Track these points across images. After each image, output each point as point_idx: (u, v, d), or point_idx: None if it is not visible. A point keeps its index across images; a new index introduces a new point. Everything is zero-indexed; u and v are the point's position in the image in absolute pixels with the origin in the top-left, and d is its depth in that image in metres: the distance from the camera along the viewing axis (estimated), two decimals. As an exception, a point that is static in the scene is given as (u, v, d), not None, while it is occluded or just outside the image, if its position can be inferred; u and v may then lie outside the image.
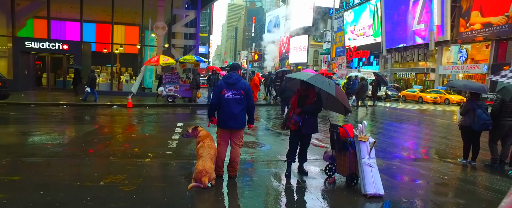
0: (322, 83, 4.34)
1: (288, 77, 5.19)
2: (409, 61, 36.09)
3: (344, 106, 4.72)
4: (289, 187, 4.47)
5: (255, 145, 6.90)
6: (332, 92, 4.30)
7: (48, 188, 3.84)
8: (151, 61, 14.69)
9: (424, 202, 4.02)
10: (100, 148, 6.12)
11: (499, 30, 26.11)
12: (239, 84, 4.35)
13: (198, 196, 3.89)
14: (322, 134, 7.70)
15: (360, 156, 4.20)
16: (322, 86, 4.33)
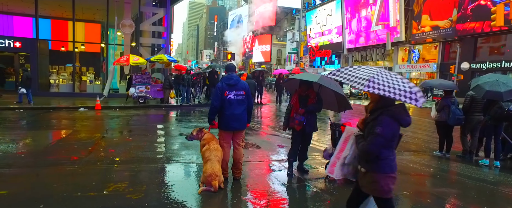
0: (330, 84, 4.48)
1: (291, 78, 5.27)
2: (369, 60, 38.20)
3: (345, 104, 4.93)
4: (294, 185, 4.55)
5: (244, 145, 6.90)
6: (342, 92, 4.47)
7: (47, 202, 3.51)
8: (120, 60, 13.96)
9: (424, 193, 4.34)
10: (84, 154, 5.71)
11: (445, 33, 28.71)
12: (240, 84, 4.33)
13: (211, 199, 3.82)
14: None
15: (362, 153, 4.40)
16: (335, 88, 4.49)
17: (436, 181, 4.98)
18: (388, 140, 2.34)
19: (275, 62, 68.24)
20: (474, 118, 6.23)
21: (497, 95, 5.35)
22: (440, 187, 4.65)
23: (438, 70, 30.04)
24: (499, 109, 5.53)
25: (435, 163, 5.88)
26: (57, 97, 15.63)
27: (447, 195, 4.32)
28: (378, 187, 2.43)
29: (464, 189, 4.55)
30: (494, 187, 4.69)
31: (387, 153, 2.38)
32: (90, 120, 10.12)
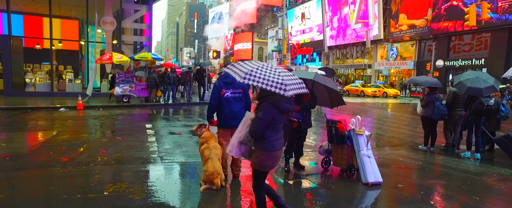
0: (324, 81, 4.60)
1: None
2: (349, 58, 39.10)
3: (338, 100, 5.07)
4: (291, 181, 4.64)
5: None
6: (335, 88, 4.60)
7: (47, 205, 3.41)
8: (103, 59, 13.58)
9: (416, 185, 4.56)
10: (74, 155, 5.55)
11: (421, 31, 29.85)
12: (237, 82, 4.33)
13: (214, 197, 3.84)
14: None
15: (358, 148, 4.56)
16: (329, 84, 4.61)
17: (425, 173, 5.22)
18: (268, 122, 2.76)
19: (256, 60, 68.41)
20: (456, 113, 6.57)
21: (477, 92, 5.67)
22: (430, 178, 4.89)
23: (415, 68, 31.20)
24: (479, 104, 5.86)
25: (422, 157, 6.16)
26: (34, 97, 14.96)
27: (438, 186, 4.55)
28: (257, 161, 2.88)
29: (450, 180, 4.81)
30: (477, 177, 4.99)
31: (269, 134, 2.81)
32: (74, 120, 9.81)
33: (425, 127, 6.88)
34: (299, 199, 4.02)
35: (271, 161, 2.88)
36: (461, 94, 6.35)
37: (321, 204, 3.83)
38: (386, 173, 4.85)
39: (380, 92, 25.50)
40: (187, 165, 5.29)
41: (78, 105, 11.92)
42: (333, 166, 5.01)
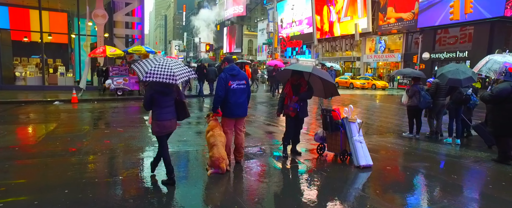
0: (321, 74, 4.96)
1: (286, 69, 5.68)
2: (338, 50, 39.69)
3: (332, 91, 5.45)
4: (289, 166, 5.02)
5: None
6: (332, 80, 4.95)
7: (69, 187, 3.69)
8: (96, 52, 13.59)
9: (402, 167, 5.02)
10: (81, 146, 5.79)
11: (408, 24, 30.58)
12: (241, 74, 4.68)
13: (220, 180, 4.18)
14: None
15: (351, 135, 4.97)
16: (325, 77, 4.97)
17: (411, 157, 5.70)
18: (149, 99, 3.77)
19: (246, 53, 68.38)
20: (439, 102, 7.05)
21: (457, 82, 6.14)
22: (415, 161, 5.36)
23: (402, 60, 32.01)
24: (459, 94, 6.35)
25: (408, 143, 6.64)
26: (25, 91, 14.87)
27: (422, 168, 5.02)
28: (152, 128, 3.95)
29: (433, 163, 5.29)
30: (456, 160, 5.49)
31: (155, 108, 3.81)
32: (71, 113, 9.93)
33: (411, 116, 7.36)
34: (297, 181, 4.41)
35: (159, 128, 3.86)
36: (443, 85, 6.81)
37: (318, 185, 4.23)
38: (376, 157, 5.29)
39: (369, 84, 26.17)
40: (190, 152, 5.61)
41: (72, 98, 11.99)
42: (328, 151, 5.42)
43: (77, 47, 19.31)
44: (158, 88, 3.76)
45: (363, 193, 3.99)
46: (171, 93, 3.87)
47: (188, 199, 3.62)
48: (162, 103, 3.82)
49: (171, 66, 3.59)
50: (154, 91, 3.76)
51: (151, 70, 3.50)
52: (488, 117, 5.24)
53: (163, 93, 3.78)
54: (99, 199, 3.43)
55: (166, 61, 3.68)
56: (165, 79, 3.49)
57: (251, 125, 8.21)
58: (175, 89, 3.93)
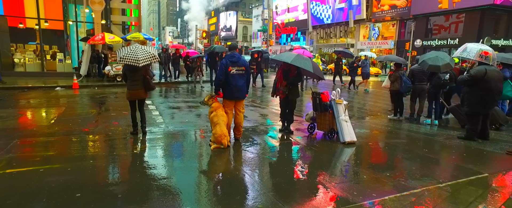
0: (300, 63, 5.48)
1: (274, 59, 6.23)
2: (332, 37, 40.02)
3: (318, 76, 5.97)
4: (283, 142, 5.62)
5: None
6: (310, 69, 5.46)
7: (93, 158, 4.26)
8: (95, 39, 13.89)
9: (383, 143, 5.67)
10: (92, 127, 6.31)
11: (402, 11, 30.97)
12: (241, 61, 5.20)
13: (223, 154, 4.77)
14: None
15: (337, 115, 5.57)
16: (304, 66, 5.48)
17: (392, 135, 6.34)
18: (123, 76, 5.51)
19: (241, 39, 68.29)
20: (417, 86, 7.60)
21: (436, 68, 6.72)
22: (394, 139, 6.01)
23: (395, 47, 32.57)
24: (438, 79, 6.96)
25: (391, 124, 7.28)
26: (24, 77, 15.17)
27: (400, 144, 5.67)
28: (126, 95, 5.59)
29: (412, 140, 5.95)
30: (431, 137, 6.15)
31: (127, 81, 5.41)
32: (75, 98, 10.38)
33: (393, 100, 7.98)
34: (290, 155, 5.03)
35: (129, 95, 5.45)
36: (418, 71, 7.37)
37: (307, 158, 4.85)
38: (361, 136, 5.92)
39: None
40: (193, 132, 6.18)
41: (74, 84, 12.40)
42: (317, 130, 6.03)
43: (73, 33, 19.45)
44: (128, 67, 5.32)
45: (346, 164, 4.62)
46: (139, 71, 5.33)
47: (195, 168, 4.21)
48: (131, 78, 5.37)
49: (137, 53, 5.15)
50: (126, 69, 5.41)
51: (123, 56, 5.11)
52: (464, 98, 5.83)
53: (132, 71, 5.32)
54: (121, 167, 4.01)
55: (134, 49, 5.25)
56: (131, 63, 5.11)
57: (248, 108, 8.78)
58: (141, 68, 5.31)
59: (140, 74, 5.37)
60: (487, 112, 5.73)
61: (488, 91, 5.45)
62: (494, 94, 5.52)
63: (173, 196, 3.21)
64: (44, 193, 3.20)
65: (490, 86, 5.43)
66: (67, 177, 3.64)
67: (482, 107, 5.56)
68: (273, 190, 3.50)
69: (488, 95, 5.50)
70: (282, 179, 3.91)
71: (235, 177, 3.90)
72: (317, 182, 3.80)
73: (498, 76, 5.57)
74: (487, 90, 5.44)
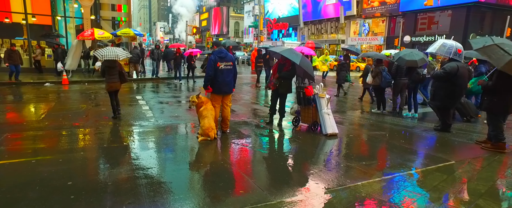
0: (290, 54, 5.72)
1: (272, 51, 6.48)
2: (323, 33, 40.37)
3: (309, 73, 6.19)
4: (269, 135, 5.86)
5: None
6: (297, 62, 5.68)
7: (84, 150, 4.42)
8: (84, 34, 13.87)
9: (363, 135, 5.95)
10: (83, 121, 6.45)
11: (391, 8, 31.41)
12: (228, 57, 5.42)
13: (210, 145, 4.98)
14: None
15: (320, 108, 5.82)
16: (289, 56, 5.72)
17: (372, 127, 6.62)
18: (102, 71, 6.57)
19: (233, 35, 68.15)
20: (400, 81, 7.91)
21: (414, 63, 7.07)
22: (374, 131, 6.30)
23: (385, 43, 33.05)
24: (417, 74, 7.29)
25: (373, 117, 7.58)
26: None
27: (379, 135, 5.96)
28: (105, 87, 6.73)
29: (391, 132, 6.25)
30: (409, 129, 6.46)
31: (106, 75, 6.49)
32: (64, 93, 10.43)
33: (376, 94, 8.28)
34: (275, 146, 5.27)
35: (108, 87, 6.57)
36: (402, 66, 7.70)
37: (292, 149, 5.10)
38: (343, 128, 6.20)
39: (354, 67, 27.12)
40: (182, 125, 6.37)
41: (63, 80, 12.42)
42: (302, 123, 6.28)
43: (61, 29, 19.28)
44: (107, 64, 6.39)
45: (327, 154, 4.89)
46: (115, 68, 6.49)
47: (183, 158, 4.41)
48: (109, 73, 6.47)
49: (115, 51, 6.44)
50: (105, 65, 6.41)
51: (105, 54, 6.27)
52: (435, 93, 6.14)
53: (110, 67, 6.43)
54: (112, 158, 4.19)
55: (112, 49, 6.55)
56: (112, 58, 6.32)
57: (237, 103, 8.99)
58: (117, 65, 6.54)
59: (117, 70, 6.54)
60: (455, 106, 6.10)
61: (458, 87, 5.77)
62: (462, 90, 5.88)
63: (161, 184, 3.42)
64: (37, 182, 3.37)
65: (461, 83, 5.76)
66: (59, 167, 3.81)
67: (452, 101, 5.88)
68: (256, 178, 3.73)
69: (458, 91, 5.82)
70: (265, 168, 4.15)
71: (220, 166, 4.12)
72: (298, 170, 4.05)
73: (467, 73, 5.97)
74: (457, 86, 5.75)
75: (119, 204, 2.92)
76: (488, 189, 3.56)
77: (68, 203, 2.93)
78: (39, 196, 3.06)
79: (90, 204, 2.91)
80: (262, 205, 3.02)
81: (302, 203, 3.08)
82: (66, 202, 2.94)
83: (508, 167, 4.33)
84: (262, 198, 3.15)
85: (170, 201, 3.05)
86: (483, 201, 3.23)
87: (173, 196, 3.16)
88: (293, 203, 3.08)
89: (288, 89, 6.15)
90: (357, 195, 3.31)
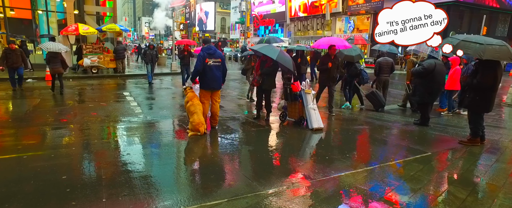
0: (267, 51, 5.92)
1: (253, 49, 6.61)
2: (309, 30, 40.75)
3: (287, 68, 6.33)
4: (257, 130, 6.04)
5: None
6: (273, 57, 5.84)
7: (75, 145, 4.48)
8: (68, 30, 13.61)
9: (347, 129, 6.22)
10: (71, 117, 6.45)
11: (376, 5, 32.04)
12: (217, 53, 5.54)
13: (199, 141, 5.12)
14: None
15: (306, 103, 6.04)
16: (267, 52, 5.92)
17: (356, 122, 6.88)
18: (47, 60, 9.20)
19: (219, 31, 67.76)
20: (382, 78, 8.27)
21: (350, 58, 7.78)
22: (358, 125, 6.59)
23: (369, 40, 33.73)
24: (355, 68, 7.90)
25: (357, 112, 7.89)
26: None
27: (362, 130, 6.25)
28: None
29: (373, 126, 6.54)
30: (391, 124, 6.76)
31: (49, 64, 9.16)
32: (49, 90, 10.25)
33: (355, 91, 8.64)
34: (262, 141, 5.45)
35: (52, 71, 9.07)
36: (384, 64, 8.08)
37: (279, 143, 5.30)
38: (328, 123, 6.45)
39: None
40: (171, 121, 6.47)
41: (46, 76, 12.18)
42: (288, 118, 6.49)
43: (42, 23, 18.77)
44: (51, 55, 8.92)
45: (313, 148, 5.12)
46: (58, 57, 8.97)
47: (174, 153, 4.54)
48: (53, 61, 8.90)
49: (58, 46, 9.10)
50: (50, 56, 8.96)
51: (49, 47, 8.74)
52: (416, 89, 6.47)
53: (54, 57, 8.92)
54: (104, 152, 4.27)
55: (55, 43, 9.22)
56: (55, 50, 8.89)
57: (225, 99, 9.12)
58: (59, 56, 9.00)
59: (59, 59, 9.04)
60: (434, 101, 6.45)
61: (437, 83, 6.12)
62: (440, 86, 6.24)
63: (153, 178, 3.55)
64: (31, 177, 3.43)
65: (439, 79, 6.11)
66: (52, 162, 3.87)
67: (430, 97, 6.22)
68: (245, 170, 3.91)
69: (436, 87, 6.17)
70: (253, 161, 4.33)
71: (211, 160, 4.28)
72: (286, 163, 4.26)
73: (444, 70, 6.33)
74: (435, 83, 6.09)
75: (115, 196, 3.04)
76: (459, 177, 3.87)
77: (65, 195, 3.03)
78: (35, 190, 3.14)
79: (86, 197, 3.01)
80: (252, 195, 3.20)
81: (290, 193, 3.28)
82: (62, 195, 3.04)
83: (477, 157, 4.68)
84: (252, 189, 3.33)
85: (164, 192, 3.19)
86: (453, 187, 3.52)
87: (166, 188, 3.30)
88: (281, 193, 3.27)
89: (271, 85, 6.34)
90: (341, 184, 3.54)
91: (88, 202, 2.92)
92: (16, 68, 9.53)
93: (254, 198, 3.12)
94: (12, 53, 9.35)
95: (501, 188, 3.57)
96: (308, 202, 3.09)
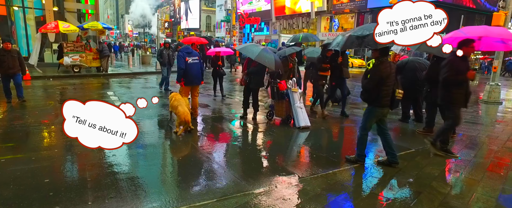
0: (247, 51, 5.98)
1: (238, 49, 6.67)
2: (295, 28, 40.97)
3: (267, 66, 6.28)
4: (244, 128, 6.04)
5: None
6: (252, 57, 5.84)
7: (57, 147, 4.34)
8: (48, 27, 13.15)
9: (334, 127, 6.30)
10: (52, 118, 6.25)
11: (359, 4, 32.55)
12: (194, 52, 6.02)
13: (187, 140, 5.06)
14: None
15: (293, 102, 6.08)
16: (246, 52, 6.01)
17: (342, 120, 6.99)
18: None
19: (204, 29, 67.18)
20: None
21: (313, 59, 7.97)
22: (343, 123, 6.69)
23: (352, 39, 34.21)
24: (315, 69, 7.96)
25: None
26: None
27: (349, 128, 6.34)
28: None
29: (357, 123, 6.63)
30: (378, 122, 6.91)
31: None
32: (29, 89, 9.92)
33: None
34: (250, 139, 5.46)
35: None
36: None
37: (266, 141, 5.31)
38: (315, 121, 6.51)
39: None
40: (157, 120, 6.38)
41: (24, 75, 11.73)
42: (275, 117, 6.51)
43: (18, 20, 18.07)
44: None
45: (300, 146, 5.15)
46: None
47: (161, 153, 4.48)
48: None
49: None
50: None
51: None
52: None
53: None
54: (88, 154, 4.16)
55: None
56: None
57: (211, 97, 9.06)
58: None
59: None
60: (411, 98, 6.51)
61: (408, 79, 6.09)
62: (412, 82, 6.15)
63: (140, 179, 3.49)
64: (10, 181, 3.30)
65: (410, 75, 6.18)
66: (32, 165, 3.74)
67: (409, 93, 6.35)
68: (234, 169, 3.90)
69: (408, 83, 6.11)
70: (242, 160, 4.32)
71: (199, 160, 4.24)
72: (273, 161, 4.27)
73: (417, 67, 6.26)
74: (406, 78, 6.10)
75: (101, 199, 2.97)
76: (440, 172, 3.99)
77: (48, 199, 2.94)
78: (15, 195, 3.02)
79: (71, 200, 2.93)
80: (241, 194, 3.19)
81: (278, 192, 3.30)
82: (45, 199, 2.94)
83: (457, 153, 4.84)
84: (241, 188, 3.33)
85: (151, 193, 3.14)
86: (436, 182, 3.64)
87: (154, 189, 3.25)
88: (270, 191, 3.28)
89: (258, 84, 6.36)
90: (328, 182, 3.58)
91: (73, 205, 2.84)
92: (13, 75, 7.42)
93: (243, 198, 3.12)
94: (7, 55, 7.21)
95: (480, 182, 3.71)
96: (296, 201, 3.12)
